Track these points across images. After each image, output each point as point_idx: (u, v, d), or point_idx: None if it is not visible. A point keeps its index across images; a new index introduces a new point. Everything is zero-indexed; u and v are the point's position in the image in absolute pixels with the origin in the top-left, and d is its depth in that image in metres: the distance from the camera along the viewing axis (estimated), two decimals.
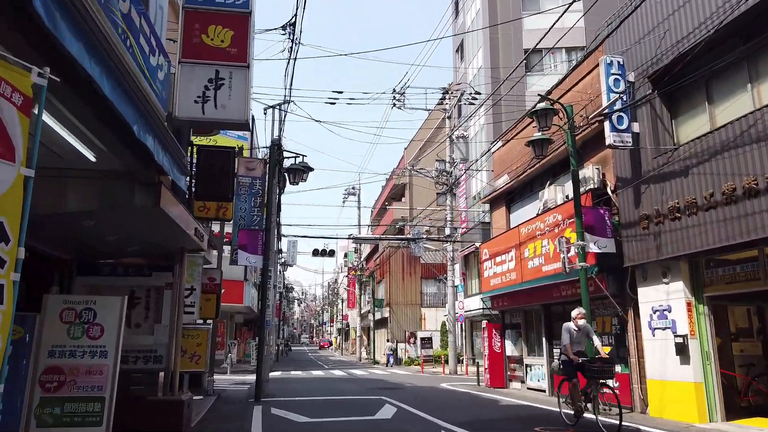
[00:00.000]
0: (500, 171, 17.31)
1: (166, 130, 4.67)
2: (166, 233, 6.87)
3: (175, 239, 7.17)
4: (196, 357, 12.38)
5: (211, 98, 5.50)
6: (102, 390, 4.99)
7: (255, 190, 15.50)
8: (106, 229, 6.32)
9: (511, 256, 15.11)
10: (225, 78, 5.54)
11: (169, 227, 6.38)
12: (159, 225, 6.33)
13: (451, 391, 15.68)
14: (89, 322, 4.98)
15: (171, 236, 7.02)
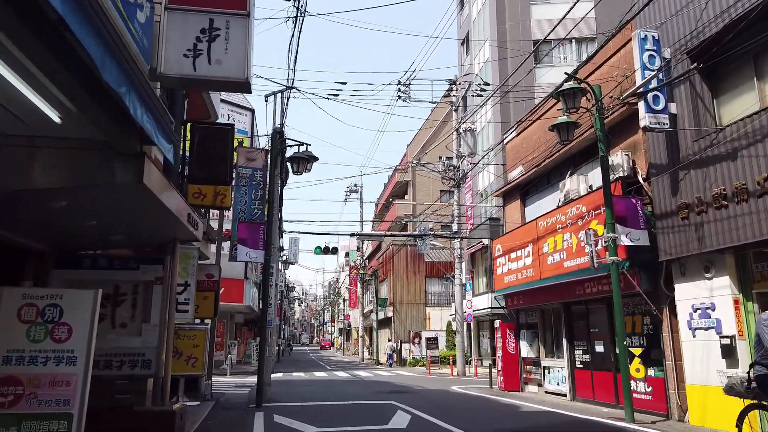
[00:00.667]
0: (514, 162, 16.40)
1: (146, 83, 3.77)
2: (155, 219, 5.96)
3: (166, 226, 6.27)
4: (193, 359, 11.51)
5: (204, 52, 4.59)
6: (69, 405, 4.10)
7: (256, 182, 14.60)
8: (82, 213, 5.42)
9: (527, 252, 14.21)
10: (220, 28, 4.63)
11: (157, 212, 5.48)
12: (145, 208, 5.43)
13: (464, 395, 14.78)
14: (54, 321, 4.10)
15: (160, 223, 6.11)
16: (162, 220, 5.98)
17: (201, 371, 11.55)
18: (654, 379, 10.38)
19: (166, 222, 6.04)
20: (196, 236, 6.78)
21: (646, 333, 10.68)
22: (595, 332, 12.39)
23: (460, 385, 17.78)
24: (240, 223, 12.69)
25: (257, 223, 12.78)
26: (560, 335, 13.87)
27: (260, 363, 12.67)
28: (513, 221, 16.34)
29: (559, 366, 13.78)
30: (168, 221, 5.96)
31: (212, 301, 12.30)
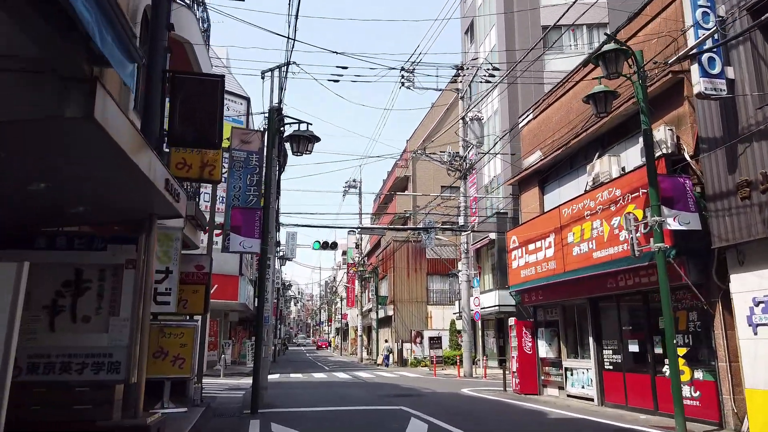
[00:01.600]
0: (531, 147, 15.17)
1: None
2: (123, 185, 4.70)
3: (138, 195, 5.01)
4: (180, 360, 10.25)
5: None
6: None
7: (251, 166, 13.32)
8: (24, 170, 4.16)
9: (549, 242, 12.99)
10: None
11: (123, 171, 4.22)
12: (108, 165, 4.16)
13: (479, 400, 13.54)
14: None
15: (130, 190, 4.85)
16: (132, 186, 4.72)
17: (189, 374, 10.28)
18: (702, 383, 9.16)
19: (137, 189, 4.77)
20: (178, 211, 5.51)
21: (692, 330, 9.46)
22: (628, 330, 11.17)
23: (471, 388, 16.55)
24: (233, 209, 11.42)
25: (253, 208, 11.52)
26: (585, 334, 12.66)
27: (256, 364, 11.41)
28: (529, 211, 15.11)
29: (584, 367, 12.56)
30: (140, 187, 4.69)
31: (202, 295, 11.01)
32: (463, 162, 23.11)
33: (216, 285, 24.76)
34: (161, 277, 6.88)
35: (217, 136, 5.92)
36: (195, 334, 10.44)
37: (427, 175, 43.06)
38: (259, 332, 11.19)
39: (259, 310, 11.51)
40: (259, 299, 11.44)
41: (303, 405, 11.93)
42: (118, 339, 5.26)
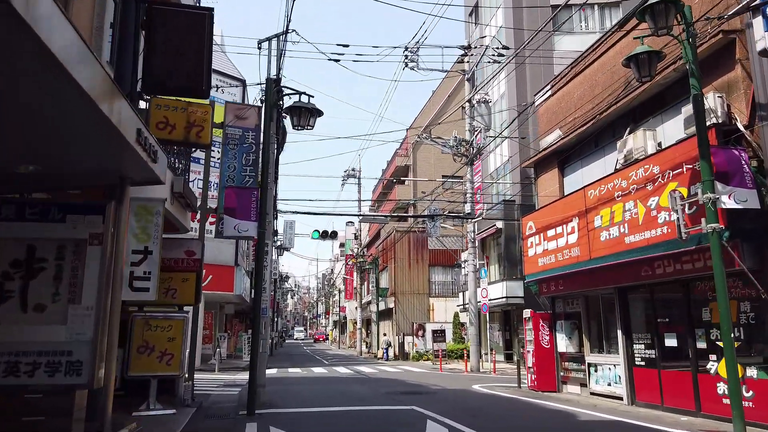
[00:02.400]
0: (549, 127, 14.09)
1: None
2: (78, 129, 3.59)
3: (102, 150, 3.90)
4: (168, 356, 9.21)
5: None
6: None
7: (247, 144, 12.21)
8: None
9: (571, 227, 11.93)
10: None
11: (72, 107, 3.11)
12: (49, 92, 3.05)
13: (495, 398, 12.52)
14: None
15: (90, 139, 3.74)
16: (93, 136, 3.60)
17: (178, 371, 9.23)
18: (757, 382, 8.14)
19: (100, 140, 3.66)
20: (156, 175, 4.41)
21: (744, 323, 8.42)
22: (664, 322, 10.13)
23: (482, 384, 15.53)
24: (227, 189, 10.32)
25: (249, 188, 10.41)
26: (612, 327, 11.63)
27: (253, 360, 10.34)
28: (547, 194, 14.04)
29: (610, 363, 11.53)
30: (103, 137, 3.58)
31: (193, 284, 9.96)
32: (469, 147, 22.01)
33: (210, 276, 23.70)
34: (138, 258, 5.79)
35: (204, 82, 4.84)
36: (185, 327, 9.40)
37: (427, 164, 42.00)
38: (257, 325, 10.12)
39: (256, 300, 10.42)
40: (256, 289, 10.36)
41: (304, 404, 10.88)
42: (79, 332, 4.18)
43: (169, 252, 9.91)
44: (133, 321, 9.09)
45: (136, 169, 4.27)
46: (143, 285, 6.03)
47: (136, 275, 5.70)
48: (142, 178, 4.51)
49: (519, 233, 24.17)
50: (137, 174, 4.37)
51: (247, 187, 10.42)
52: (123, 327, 9.29)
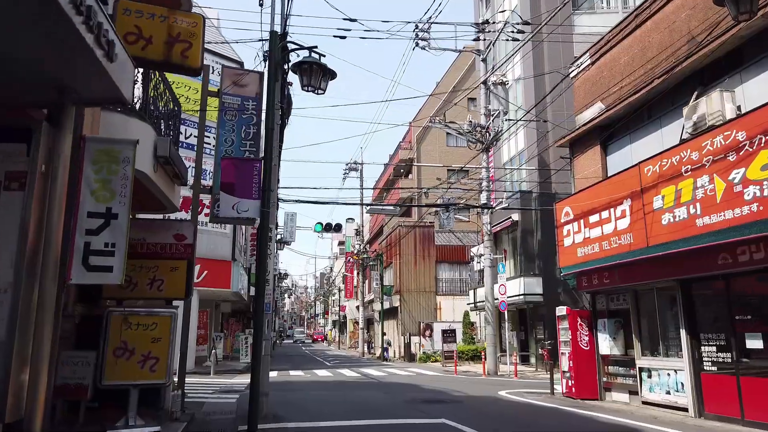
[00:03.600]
0: (588, 100, 12.49)
1: None
2: None
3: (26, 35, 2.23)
4: (151, 360, 7.57)
5: None
6: None
7: (247, 116, 10.62)
8: None
9: (621, 211, 10.33)
10: None
11: None
12: None
13: (534, 408, 10.91)
14: None
15: None
16: None
17: (164, 378, 7.57)
18: None
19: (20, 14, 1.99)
20: (115, 87, 2.76)
21: None
22: (744, 320, 8.53)
23: (508, 390, 13.92)
24: (224, 160, 8.68)
25: (250, 159, 8.79)
26: (670, 325, 10.07)
27: (254, 364, 8.69)
28: (586, 176, 12.45)
29: (669, 368, 9.94)
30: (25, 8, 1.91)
31: (184, 274, 8.30)
32: (485, 132, 20.41)
33: (206, 271, 22.01)
34: (97, 224, 4.14)
35: None
36: (173, 325, 7.74)
37: (432, 158, 40.39)
38: (259, 322, 8.48)
39: (258, 294, 8.77)
40: (258, 280, 8.71)
41: (314, 417, 9.25)
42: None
43: (155, 236, 8.31)
44: (109, 317, 7.45)
45: (81, 70, 2.65)
46: (104, 262, 4.33)
47: (93, 248, 4.07)
48: (93, 94, 2.90)
49: (537, 225, 22.64)
50: (84, 82, 2.77)
51: (248, 159, 8.80)
52: (96, 325, 7.70)
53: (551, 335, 20.74)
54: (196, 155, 9.74)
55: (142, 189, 6.85)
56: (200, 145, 9.69)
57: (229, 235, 22.12)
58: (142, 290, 8.24)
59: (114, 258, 4.30)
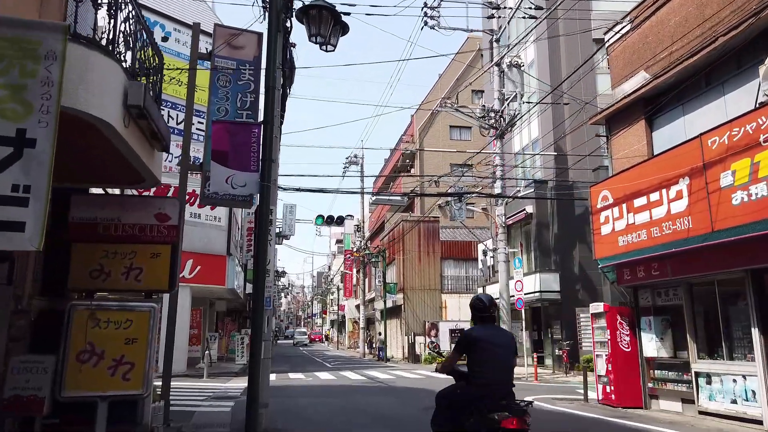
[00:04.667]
0: (628, 71, 11.10)
1: None
2: None
3: None
4: (125, 366, 6.17)
5: None
6: None
7: (243, 82, 9.19)
8: None
9: (677, 192, 8.94)
10: None
11: None
12: None
13: (573, 419, 9.53)
14: None
15: None
16: None
17: (140, 388, 6.14)
18: None
19: None
20: None
21: None
22: None
23: (533, 395, 12.49)
24: (215, 125, 7.24)
25: (247, 123, 7.36)
26: (736, 323, 8.70)
27: (252, 369, 7.27)
28: (625, 156, 11.06)
29: (736, 373, 8.54)
30: None
31: (167, 261, 6.86)
32: (499, 117, 19.00)
33: (199, 266, 20.52)
34: (1, 153, 2.71)
35: None
36: (152, 323, 6.30)
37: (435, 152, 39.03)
38: (258, 320, 7.05)
39: (258, 287, 7.35)
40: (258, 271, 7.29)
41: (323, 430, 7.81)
42: None
43: (132, 215, 6.90)
44: (71, 313, 6.02)
45: None
46: (12, 216, 2.86)
47: None
48: None
49: (553, 218, 21.25)
50: None
51: (245, 122, 7.36)
52: (56, 322, 6.28)
53: (569, 335, 19.40)
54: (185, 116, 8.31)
55: (110, 150, 5.42)
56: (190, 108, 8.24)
57: (224, 227, 20.68)
58: (116, 281, 6.81)
59: (28, 210, 2.86)
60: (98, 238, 6.73)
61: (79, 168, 6.37)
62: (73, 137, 5.40)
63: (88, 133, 5.12)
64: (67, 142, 5.62)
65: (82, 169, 6.39)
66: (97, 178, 6.65)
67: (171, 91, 19.07)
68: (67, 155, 6.02)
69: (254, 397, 7.06)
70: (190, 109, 8.08)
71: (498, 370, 4.42)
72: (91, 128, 4.92)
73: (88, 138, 5.29)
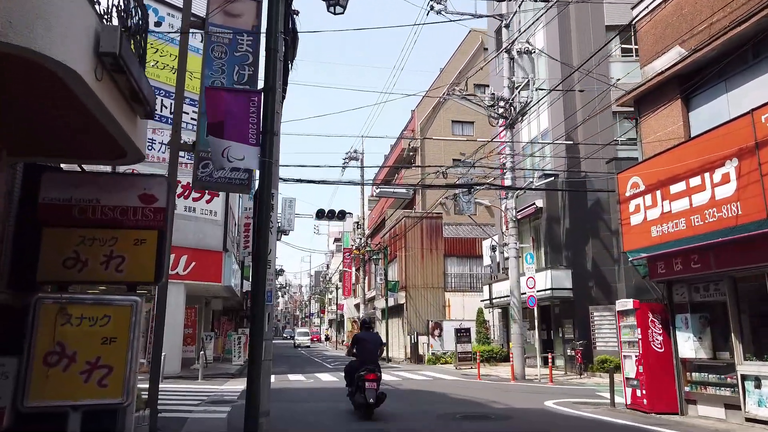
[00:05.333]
0: (662, 46, 10.20)
1: None
2: None
3: None
4: (100, 370, 5.31)
5: None
6: None
7: (240, 54, 8.34)
8: None
9: (722, 175, 8.06)
10: None
11: None
12: None
13: (605, 426, 8.63)
14: None
15: None
16: None
17: (119, 396, 5.24)
18: None
19: None
20: None
21: None
22: None
23: (554, 399, 11.62)
24: (209, 91, 6.29)
25: (246, 90, 6.45)
26: None
27: (251, 373, 6.35)
28: (659, 138, 10.16)
29: None
30: None
31: (153, 249, 5.92)
32: (509, 106, 18.12)
33: (194, 263, 19.53)
34: None
35: None
36: (134, 320, 5.40)
37: (436, 147, 38.13)
38: (258, 315, 6.13)
39: (258, 280, 6.43)
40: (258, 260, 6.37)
41: None
42: None
43: (112, 196, 5.99)
44: (38, 307, 5.12)
45: None
46: None
47: None
48: None
49: (564, 212, 20.34)
50: None
51: (243, 89, 6.45)
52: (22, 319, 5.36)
53: (582, 335, 18.52)
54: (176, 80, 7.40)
55: (81, 112, 4.49)
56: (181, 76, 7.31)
57: (220, 222, 19.75)
58: (94, 271, 5.86)
59: None
60: (73, 222, 5.79)
61: (48, 137, 5.45)
62: (34, 93, 4.48)
63: (52, 87, 4.21)
64: (28, 100, 4.71)
65: (51, 138, 5.46)
66: (71, 151, 5.72)
67: (164, 78, 18.16)
68: (31, 119, 5.10)
69: (254, 404, 6.14)
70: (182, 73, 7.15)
71: (368, 352, 9.50)
72: (55, 81, 4.00)
73: (54, 95, 4.38)
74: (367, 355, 9.38)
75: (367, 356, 9.34)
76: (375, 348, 9.58)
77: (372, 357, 9.38)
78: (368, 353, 9.41)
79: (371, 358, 9.33)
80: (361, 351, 9.50)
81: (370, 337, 9.79)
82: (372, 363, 9.20)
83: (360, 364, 9.28)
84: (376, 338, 9.89)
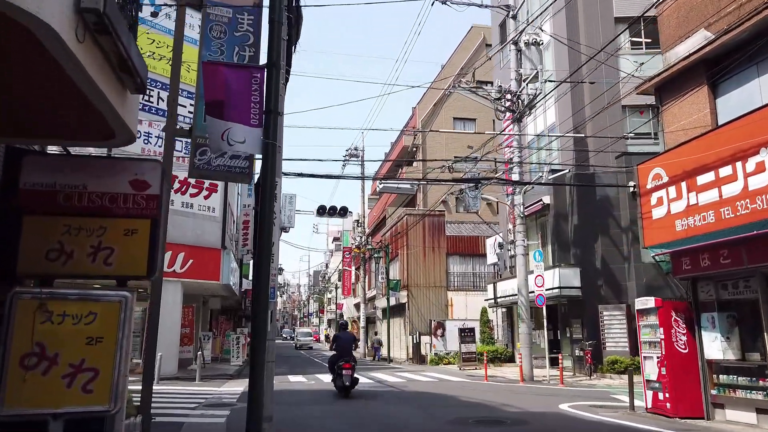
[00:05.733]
0: (684, 31, 9.68)
1: None
2: None
3: None
4: (86, 374, 4.73)
5: None
6: None
7: (241, 34, 7.72)
8: None
9: (756, 164, 7.54)
10: None
11: None
12: None
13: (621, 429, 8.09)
14: None
15: None
16: None
17: (106, 403, 4.68)
18: None
19: None
20: None
21: None
22: None
23: (568, 402, 11.09)
24: (207, 65, 5.76)
25: (247, 66, 5.91)
26: None
27: (253, 375, 5.80)
28: (683, 127, 9.64)
29: None
30: None
31: (146, 240, 5.33)
32: (516, 99, 17.59)
33: (191, 260, 18.97)
34: None
35: None
36: (122, 317, 4.83)
37: (438, 144, 37.64)
38: (261, 314, 5.58)
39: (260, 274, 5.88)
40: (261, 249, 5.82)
41: None
42: None
43: (100, 182, 5.42)
44: (14, 304, 4.57)
45: None
46: None
47: None
48: None
49: (572, 209, 19.81)
50: None
51: (244, 65, 5.91)
52: None
53: (591, 335, 18.00)
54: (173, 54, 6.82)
55: (62, 81, 3.94)
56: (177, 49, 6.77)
57: (219, 219, 19.19)
58: (80, 264, 5.28)
59: None
60: (58, 210, 5.21)
61: (27, 114, 4.88)
62: (6, 59, 3.92)
63: (25, 49, 3.66)
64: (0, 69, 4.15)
65: (30, 115, 4.90)
66: (54, 130, 5.16)
67: (161, 70, 17.61)
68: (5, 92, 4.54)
69: (256, 407, 5.59)
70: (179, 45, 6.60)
71: (343, 348, 12.36)
72: (28, 40, 3.44)
73: (29, 58, 3.83)
74: (342, 350, 12.28)
75: (343, 351, 12.25)
76: (349, 345, 12.52)
77: (347, 351, 12.30)
78: (344, 349, 12.32)
79: (347, 352, 12.26)
80: (338, 347, 12.40)
81: (345, 336, 12.78)
82: (348, 355, 12.17)
83: (338, 357, 12.13)
84: (350, 336, 12.91)
